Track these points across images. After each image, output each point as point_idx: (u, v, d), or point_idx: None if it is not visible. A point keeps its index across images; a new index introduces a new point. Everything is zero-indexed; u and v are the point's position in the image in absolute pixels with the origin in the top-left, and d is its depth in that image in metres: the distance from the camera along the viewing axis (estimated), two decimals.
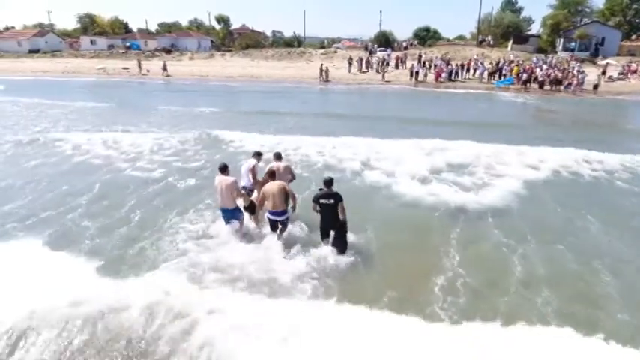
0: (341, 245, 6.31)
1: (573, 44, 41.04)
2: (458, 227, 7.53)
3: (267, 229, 6.81)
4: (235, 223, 6.80)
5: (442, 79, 32.73)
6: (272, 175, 6.63)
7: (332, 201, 6.10)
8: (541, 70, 31.29)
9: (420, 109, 21.71)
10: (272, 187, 6.37)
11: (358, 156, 11.80)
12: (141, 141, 13.25)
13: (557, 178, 10.50)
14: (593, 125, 18.83)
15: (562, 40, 43.52)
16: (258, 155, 7.47)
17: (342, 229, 6.25)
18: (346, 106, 23.35)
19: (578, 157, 11.89)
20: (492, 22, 54.82)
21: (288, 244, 6.52)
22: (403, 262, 6.40)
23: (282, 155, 7.74)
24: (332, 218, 6.18)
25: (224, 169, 6.58)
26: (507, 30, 52.13)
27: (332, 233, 6.36)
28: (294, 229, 6.98)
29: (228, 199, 6.55)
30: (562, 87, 29.56)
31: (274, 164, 7.19)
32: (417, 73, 33.20)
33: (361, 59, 38.15)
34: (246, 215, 7.07)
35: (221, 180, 6.50)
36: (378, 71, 36.03)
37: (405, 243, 7.03)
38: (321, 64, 35.45)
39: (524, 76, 30.51)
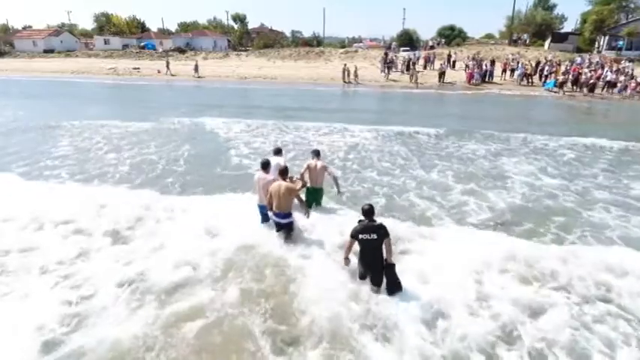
0: (394, 286, 5.08)
1: (621, 42, 37.12)
2: None
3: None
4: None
5: (475, 81, 29.64)
6: (282, 173, 6.26)
7: (375, 236, 4.99)
8: (590, 71, 27.73)
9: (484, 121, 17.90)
10: (279, 187, 6.05)
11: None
12: None
13: None
14: None
15: (606, 37, 39.65)
16: (279, 152, 7.49)
17: (389, 271, 5.07)
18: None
19: None
20: (524, 20, 51.20)
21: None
22: None
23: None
24: (375, 257, 5.07)
25: (265, 166, 6.55)
26: (540, 28, 48.51)
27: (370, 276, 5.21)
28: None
29: (266, 197, 6.35)
30: (615, 90, 26.13)
31: (312, 161, 7.17)
32: (444, 73, 30.34)
33: (384, 59, 35.14)
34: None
35: (260, 177, 6.52)
36: (402, 72, 33.14)
37: None
38: (345, 64, 32.70)
39: (570, 77, 27.21)
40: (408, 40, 50.97)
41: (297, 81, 32.13)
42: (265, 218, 6.68)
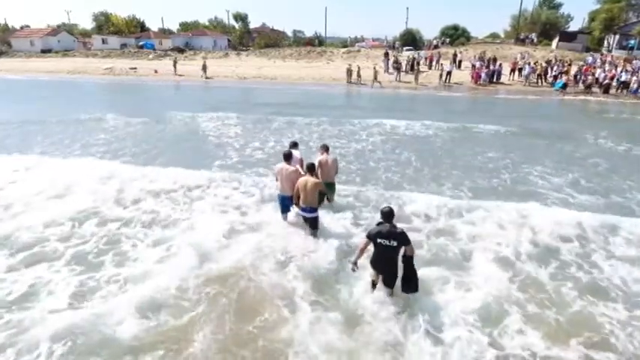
0: (411, 283, 4.74)
1: (632, 42, 35.88)
2: None
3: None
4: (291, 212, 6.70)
5: (482, 82, 28.53)
6: (311, 169, 6.28)
7: (394, 243, 4.59)
8: (604, 71, 26.57)
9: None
10: (306, 182, 6.05)
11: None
12: None
13: None
14: None
15: (616, 37, 38.45)
16: (295, 145, 7.37)
17: (407, 264, 4.71)
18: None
19: None
20: (529, 19, 49.92)
21: None
22: None
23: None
24: (390, 265, 4.70)
25: (288, 157, 6.57)
26: (545, 28, 47.29)
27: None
28: None
29: (288, 186, 6.43)
30: (630, 91, 24.98)
31: (323, 157, 7.01)
32: (450, 73, 29.27)
33: (386, 60, 33.97)
34: None
35: (282, 167, 6.53)
36: (407, 72, 31.99)
37: None
38: (349, 65, 31.62)
39: (583, 78, 26.10)
40: (411, 39, 49.86)
41: (299, 82, 30.99)
42: (285, 209, 6.73)
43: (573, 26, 52.98)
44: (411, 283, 4.76)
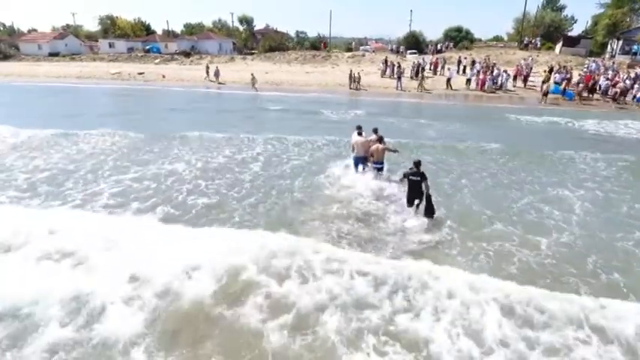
0: (430, 211, 7.98)
1: (636, 47, 36.23)
2: None
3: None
4: (363, 166, 10.08)
5: (487, 88, 28.94)
6: (380, 140, 9.57)
7: (418, 178, 7.87)
8: (607, 78, 26.91)
9: None
10: (378, 147, 9.50)
11: None
12: None
13: None
14: None
15: (620, 42, 38.78)
16: (360, 128, 10.15)
17: (428, 198, 7.95)
18: None
19: None
20: (532, 22, 50.18)
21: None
22: None
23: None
24: (418, 191, 8.01)
25: (360, 133, 9.99)
26: (549, 30, 47.50)
27: (416, 202, 8.18)
28: None
29: (362, 151, 9.85)
30: (628, 99, 25.34)
31: (373, 136, 9.89)
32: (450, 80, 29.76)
33: (392, 64, 34.38)
34: None
35: (357, 139, 9.88)
36: (411, 78, 32.35)
37: None
38: (351, 70, 32.17)
39: (583, 85, 26.43)
40: (414, 42, 50.03)
41: (307, 89, 31.22)
42: (357, 166, 10.12)
43: (577, 29, 53.37)
44: (430, 212, 7.94)
